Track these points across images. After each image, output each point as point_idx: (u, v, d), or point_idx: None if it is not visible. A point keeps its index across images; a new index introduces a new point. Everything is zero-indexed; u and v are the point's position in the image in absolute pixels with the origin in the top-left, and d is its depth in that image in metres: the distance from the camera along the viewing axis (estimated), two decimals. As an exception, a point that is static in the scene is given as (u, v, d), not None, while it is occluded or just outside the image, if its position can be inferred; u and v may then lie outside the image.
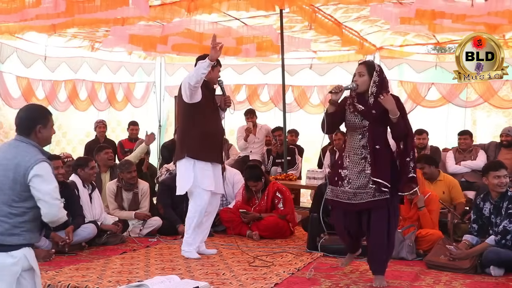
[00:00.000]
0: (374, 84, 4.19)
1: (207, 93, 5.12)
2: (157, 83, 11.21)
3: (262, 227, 6.25)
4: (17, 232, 2.85)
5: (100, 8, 5.98)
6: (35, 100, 9.19)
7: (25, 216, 2.87)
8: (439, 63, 9.50)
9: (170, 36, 8.23)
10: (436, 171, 6.40)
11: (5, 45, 8.55)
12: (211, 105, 5.15)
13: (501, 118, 9.39)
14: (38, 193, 2.83)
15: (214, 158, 5.13)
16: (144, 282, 3.97)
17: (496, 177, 4.85)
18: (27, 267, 2.89)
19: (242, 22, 8.15)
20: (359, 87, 4.21)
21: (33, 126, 2.94)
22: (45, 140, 3.01)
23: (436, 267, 4.88)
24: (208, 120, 5.07)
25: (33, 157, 2.87)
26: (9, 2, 5.96)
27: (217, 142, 5.17)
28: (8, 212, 2.84)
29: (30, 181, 2.82)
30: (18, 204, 2.85)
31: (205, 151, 5.06)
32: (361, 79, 4.21)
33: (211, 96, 5.20)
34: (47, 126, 2.98)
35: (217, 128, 5.18)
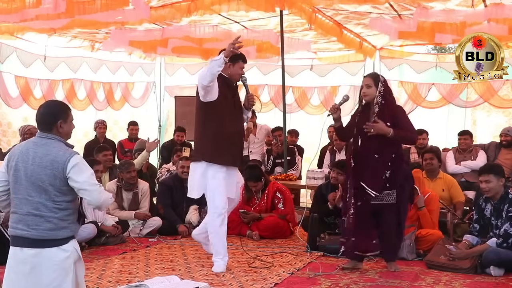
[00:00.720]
0: (379, 94, 4.59)
1: (226, 90, 4.71)
2: (157, 83, 11.20)
3: (262, 227, 6.25)
4: (65, 225, 2.94)
5: (100, 9, 5.97)
6: (32, 99, 9.20)
7: (68, 209, 2.97)
8: (439, 63, 9.49)
9: (170, 39, 8.23)
10: (438, 167, 6.44)
11: (4, 45, 8.55)
12: (230, 104, 4.73)
13: (501, 118, 9.38)
14: (77, 184, 2.91)
15: (229, 161, 4.71)
16: (144, 282, 3.96)
17: (480, 182, 4.92)
18: (76, 258, 2.99)
19: (242, 26, 8.15)
20: (368, 97, 4.62)
21: (54, 122, 2.99)
22: (67, 134, 3.07)
23: (436, 267, 4.88)
24: (225, 120, 4.68)
25: (66, 152, 2.95)
26: (9, 2, 5.95)
27: (234, 144, 4.73)
28: (53, 207, 2.91)
29: (69, 174, 2.90)
30: (60, 198, 2.93)
31: (218, 154, 4.67)
32: (369, 90, 4.62)
33: (231, 94, 4.77)
34: (67, 121, 3.04)
35: (235, 129, 4.75)
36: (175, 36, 8.15)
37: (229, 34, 8.09)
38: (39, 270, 2.88)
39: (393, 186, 4.58)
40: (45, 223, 2.89)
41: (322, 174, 7.13)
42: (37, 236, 2.87)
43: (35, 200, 2.89)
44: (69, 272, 2.93)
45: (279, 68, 8.27)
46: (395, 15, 7.35)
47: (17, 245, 2.90)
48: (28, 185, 2.90)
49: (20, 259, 2.89)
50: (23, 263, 2.88)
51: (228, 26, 8.10)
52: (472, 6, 6.51)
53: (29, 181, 2.90)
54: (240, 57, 4.76)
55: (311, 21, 7.12)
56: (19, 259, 2.90)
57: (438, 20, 6.75)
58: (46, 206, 2.90)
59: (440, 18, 6.66)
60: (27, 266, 2.87)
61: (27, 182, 2.90)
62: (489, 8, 6.32)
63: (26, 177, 2.91)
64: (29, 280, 2.88)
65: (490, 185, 4.87)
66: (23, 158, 2.93)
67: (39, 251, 2.87)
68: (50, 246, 2.89)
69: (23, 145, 3.02)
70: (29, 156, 2.93)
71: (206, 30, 7.72)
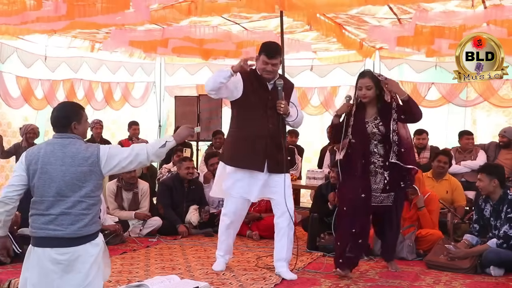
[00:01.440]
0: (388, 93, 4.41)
1: (257, 88, 4.40)
2: (157, 83, 11.20)
3: (262, 227, 6.25)
4: (96, 220, 3.01)
5: (101, 12, 5.97)
6: (34, 100, 9.21)
7: (98, 203, 3.03)
8: (439, 63, 9.49)
9: (170, 39, 8.23)
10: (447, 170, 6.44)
11: (5, 45, 8.55)
12: (259, 104, 4.38)
13: (501, 118, 9.38)
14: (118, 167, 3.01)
15: (249, 165, 4.42)
16: (144, 282, 3.98)
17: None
18: (103, 250, 3.06)
19: (242, 27, 8.15)
20: (368, 99, 4.40)
21: (68, 124, 3.04)
22: (83, 134, 3.13)
23: (436, 267, 4.88)
24: (248, 120, 4.41)
25: (92, 147, 3.01)
26: (10, 4, 5.95)
27: (257, 147, 4.38)
28: (88, 204, 2.95)
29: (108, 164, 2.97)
30: (96, 193, 3.00)
31: (237, 156, 4.46)
32: (370, 92, 4.38)
33: (264, 93, 4.41)
34: (81, 122, 3.09)
35: (260, 131, 4.37)
36: (175, 37, 8.15)
37: (229, 35, 8.09)
38: (73, 268, 2.90)
39: (392, 189, 4.46)
40: (80, 221, 2.92)
41: (322, 174, 7.14)
42: (72, 235, 2.90)
43: (70, 200, 2.91)
44: (100, 265, 3.00)
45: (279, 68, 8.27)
46: (394, 19, 7.35)
47: (47, 245, 2.90)
48: (62, 186, 2.91)
49: (52, 259, 2.89)
50: (55, 263, 2.89)
51: (228, 27, 8.10)
52: (472, 6, 6.51)
53: (63, 181, 2.91)
54: (264, 49, 4.36)
55: (311, 22, 7.12)
56: (50, 259, 2.89)
57: (437, 24, 6.75)
58: (82, 204, 2.93)
59: (439, 21, 6.65)
60: (60, 266, 2.89)
61: (60, 183, 2.91)
62: (489, 10, 6.32)
63: (58, 178, 2.92)
64: (63, 280, 2.90)
65: (481, 184, 4.93)
66: (50, 160, 2.95)
67: (74, 249, 2.90)
68: (84, 243, 2.93)
69: (43, 147, 3.02)
70: (56, 157, 2.95)
71: (206, 31, 7.72)
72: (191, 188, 6.74)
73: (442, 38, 7.22)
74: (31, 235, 2.99)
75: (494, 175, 4.88)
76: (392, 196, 4.48)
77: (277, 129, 4.38)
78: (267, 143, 4.38)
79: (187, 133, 3.35)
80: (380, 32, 7.47)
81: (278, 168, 4.42)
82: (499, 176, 4.90)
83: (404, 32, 7.25)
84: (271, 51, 4.34)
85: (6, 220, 2.99)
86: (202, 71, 10.84)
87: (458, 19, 6.58)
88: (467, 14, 6.54)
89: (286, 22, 7.28)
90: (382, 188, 4.42)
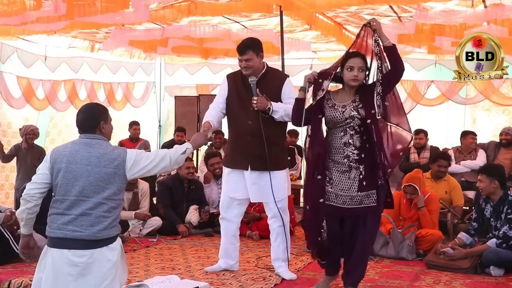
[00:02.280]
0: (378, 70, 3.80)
1: (239, 86, 4.40)
2: (157, 83, 11.20)
3: (262, 227, 6.25)
4: (115, 224, 3.00)
5: (101, 11, 5.97)
6: (35, 100, 9.20)
7: (119, 207, 3.02)
8: (439, 61, 9.50)
9: (170, 39, 8.23)
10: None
11: (5, 45, 8.55)
12: (239, 101, 4.38)
13: (501, 117, 9.39)
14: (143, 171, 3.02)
15: (234, 164, 4.43)
16: (144, 282, 3.98)
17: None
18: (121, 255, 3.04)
19: (242, 25, 8.16)
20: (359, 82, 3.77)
21: (97, 124, 3.05)
22: (109, 135, 3.14)
23: (436, 267, 4.88)
24: (234, 119, 4.43)
25: (118, 150, 3.03)
26: (10, 5, 5.96)
27: (240, 145, 4.39)
28: (110, 206, 2.95)
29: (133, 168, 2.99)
30: (118, 196, 2.99)
31: (226, 156, 4.65)
32: (362, 74, 3.77)
33: (243, 90, 4.37)
34: (108, 121, 3.12)
35: (242, 128, 4.36)
36: (175, 36, 8.16)
37: (229, 33, 8.09)
38: (90, 271, 2.87)
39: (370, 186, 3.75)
40: (100, 223, 2.90)
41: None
42: (91, 237, 2.88)
43: (92, 200, 2.90)
44: (118, 270, 2.97)
45: (279, 68, 8.27)
46: (395, 18, 7.35)
47: (64, 247, 2.88)
48: (85, 185, 2.91)
49: (69, 261, 2.86)
50: (72, 266, 2.86)
51: (228, 26, 8.11)
52: (472, 6, 6.51)
53: (87, 181, 2.91)
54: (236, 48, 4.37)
55: (311, 22, 7.13)
56: (66, 261, 2.86)
57: (438, 22, 6.75)
58: (103, 206, 2.92)
59: (440, 20, 6.65)
60: (76, 269, 2.86)
61: (84, 182, 2.91)
62: (489, 9, 6.33)
63: (82, 178, 2.91)
64: (79, 283, 2.87)
65: (481, 185, 4.93)
66: (75, 159, 2.95)
67: (92, 252, 2.87)
68: (102, 246, 2.90)
69: (69, 147, 3.02)
70: (82, 157, 2.95)
71: (206, 30, 7.72)
72: (191, 188, 6.74)
73: (443, 36, 7.21)
74: (48, 235, 2.97)
75: (495, 176, 4.88)
76: (374, 195, 3.75)
77: (258, 126, 4.26)
78: (248, 140, 4.33)
79: (203, 139, 3.47)
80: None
81: (262, 165, 4.31)
82: (500, 177, 4.90)
83: (405, 30, 7.24)
84: (240, 48, 4.35)
85: (28, 218, 2.98)
86: (202, 71, 10.84)
87: (458, 17, 6.58)
88: (467, 13, 6.55)
89: (286, 20, 7.28)
90: (358, 186, 3.73)
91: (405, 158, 7.58)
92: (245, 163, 4.36)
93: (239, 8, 6.58)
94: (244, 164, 4.36)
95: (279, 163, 4.40)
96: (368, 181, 3.74)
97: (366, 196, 3.74)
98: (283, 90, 4.37)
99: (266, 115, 4.27)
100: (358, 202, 3.73)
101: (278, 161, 4.39)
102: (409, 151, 7.64)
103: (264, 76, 4.37)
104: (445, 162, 6.35)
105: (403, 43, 7.84)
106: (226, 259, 4.66)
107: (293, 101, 4.11)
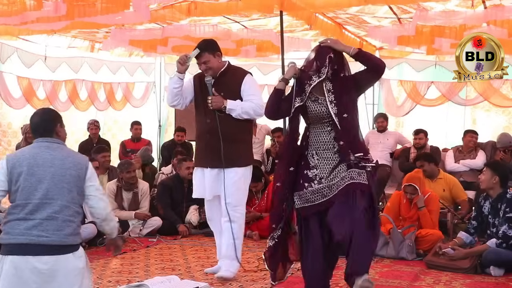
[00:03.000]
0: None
1: (202, 87, 4.47)
2: (157, 83, 11.19)
3: (263, 227, 6.24)
4: (78, 232, 2.94)
5: (101, 12, 5.97)
6: (36, 100, 9.20)
7: (81, 214, 2.99)
8: (439, 62, 9.50)
9: (170, 38, 8.23)
10: (436, 169, 6.45)
11: (5, 45, 8.55)
12: (200, 101, 4.47)
13: (501, 117, 9.39)
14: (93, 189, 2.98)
15: (198, 162, 4.54)
16: (144, 282, 3.98)
17: None
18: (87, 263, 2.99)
19: (242, 25, 8.16)
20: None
21: (53, 127, 3.02)
22: (64, 139, 3.11)
23: (436, 267, 4.89)
24: (198, 119, 4.53)
25: (81, 155, 3.04)
26: (10, 5, 5.96)
27: (201, 144, 4.52)
28: (75, 211, 2.91)
29: (87, 176, 2.96)
30: (80, 202, 2.96)
31: (194, 156, 4.76)
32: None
33: (204, 90, 4.43)
34: (63, 125, 3.10)
35: (203, 127, 4.46)
36: (175, 36, 8.16)
37: (229, 33, 8.09)
38: (55, 279, 2.78)
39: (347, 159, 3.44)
40: (66, 227, 2.83)
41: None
42: (57, 242, 2.79)
43: (57, 203, 2.84)
44: (84, 278, 2.89)
45: (279, 68, 8.27)
46: (394, 19, 7.35)
47: (28, 253, 2.75)
48: (50, 188, 2.84)
49: (33, 268, 2.74)
50: (36, 273, 2.74)
51: (228, 26, 8.11)
52: (472, 6, 6.51)
53: (52, 183, 2.85)
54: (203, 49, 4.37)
55: (311, 22, 7.13)
56: (30, 268, 2.74)
57: (438, 23, 6.76)
58: (69, 209, 2.87)
59: (440, 21, 6.66)
60: (41, 276, 2.75)
61: (48, 184, 2.84)
62: (489, 10, 6.33)
63: (46, 180, 2.85)
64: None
65: (483, 177, 4.98)
66: (37, 162, 2.88)
67: (57, 259, 2.78)
68: (67, 253, 2.82)
69: (27, 151, 2.97)
70: (45, 159, 2.89)
71: (206, 30, 7.72)
72: (191, 188, 6.70)
73: (443, 37, 7.22)
74: (5, 242, 2.81)
75: (497, 172, 4.92)
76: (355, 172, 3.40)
77: (215, 124, 4.30)
78: (207, 139, 4.41)
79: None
80: (381, 32, 7.48)
81: (218, 163, 4.33)
82: (501, 174, 4.92)
83: (405, 32, 7.26)
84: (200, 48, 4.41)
85: None
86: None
87: (458, 18, 6.59)
88: (467, 14, 6.55)
89: (286, 20, 7.30)
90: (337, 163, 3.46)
91: (405, 158, 7.59)
92: (205, 161, 4.45)
93: (239, 8, 6.58)
94: (205, 162, 4.45)
95: (236, 160, 4.37)
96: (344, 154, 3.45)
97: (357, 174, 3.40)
98: (242, 88, 4.39)
99: (223, 114, 4.31)
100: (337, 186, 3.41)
101: (235, 157, 4.36)
102: (409, 151, 7.65)
103: (224, 74, 4.42)
104: (419, 162, 6.40)
105: (403, 44, 7.85)
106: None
107: (253, 98, 4.32)
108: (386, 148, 8.01)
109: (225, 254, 4.41)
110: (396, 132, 8.77)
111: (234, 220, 4.38)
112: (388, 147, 8.04)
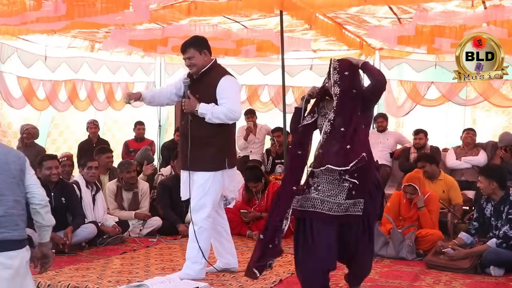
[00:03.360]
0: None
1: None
2: (157, 83, 11.19)
3: (263, 227, 6.23)
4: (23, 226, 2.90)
5: (101, 12, 5.97)
6: (36, 100, 9.20)
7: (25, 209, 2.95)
8: (439, 62, 9.50)
9: (170, 38, 8.24)
10: (437, 170, 6.44)
11: (5, 45, 8.55)
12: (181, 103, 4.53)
13: (501, 117, 9.40)
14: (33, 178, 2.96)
15: (181, 165, 4.52)
16: (144, 282, 3.98)
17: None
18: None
19: (242, 25, 8.16)
20: None
21: None
22: None
23: (436, 267, 4.89)
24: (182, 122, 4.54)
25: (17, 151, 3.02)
26: (10, 5, 5.96)
27: (180, 146, 4.53)
28: (24, 204, 2.90)
29: (27, 169, 2.94)
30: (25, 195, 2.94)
31: None
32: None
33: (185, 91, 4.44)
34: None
35: (180, 131, 4.53)
36: (175, 35, 8.16)
37: (229, 33, 8.09)
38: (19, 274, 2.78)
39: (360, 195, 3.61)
40: (21, 222, 2.83)
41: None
42: (18, 237, 2.80)
43: (9, 199, 2.80)
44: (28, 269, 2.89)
45: (279, 68, 8.28)
46: (394, 19, 7.36)
47: None
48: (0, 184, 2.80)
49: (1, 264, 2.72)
50: (5, 269, 2.72)
51: (228, 26, 8.11)
52: (472, 6, 6.51)
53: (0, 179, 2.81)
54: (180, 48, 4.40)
55: (311, 21, 7.14)
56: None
57: (438, 23, 6.76)
58: (20, 204, 2.85)
59: (440, 21, 6.66)
60: (10, 271, 2.73)
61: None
62: (489, 10, 6.33)
63: None
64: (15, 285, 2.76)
65: (481, 186, 4.97)
66: None
67: (18, 253, 2.79)
68: (23, 247, 2.83)
69: None
70: None
71: (206, 29, 7.72)
72: (191, 188, 6.72)
73: (443, 37, 7.23)
74: None
75: (492, 177, 4.89)
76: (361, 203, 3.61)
77: (187, 127, 4.30)
78: (181, 141, 4.45)
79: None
80: (381, 32, 7.48)
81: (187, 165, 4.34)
82: (498, 178, 4.90)
83: (405, 32, 7.26)
84: (182, 47, 4.41)
85: None
86: (201, 71, 10.81)
87: (458, 19, 6.59)
88: (467, 14, 6.56)
89: (286, 20, 7.30)
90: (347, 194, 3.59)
91: (405, 158, 7.60)
92: (180, 163, 4.53)
93: (239, 8, 6.58)
94: (180, 164, 4.54)
95: (202, 164, 4.31)
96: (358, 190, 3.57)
97: (353, 204, 3.59)
98: (217, 90, 4.29)
99: (196, 117, 4.28)
100: (344, 210, 3.58)
101: (202, 161, 4.31)
102: (409, 151, 7.66)
103: (205, 73, 4.36)
104: (421, 163, 6.37)
105: (403, 44, 7.85)
106: (221, 258, 4.68)
107: (226, 101, 4.23)
108: (386, 148, 8.01)
109: (187, 255, 4.43)
110: (396, 132, 8.78)
111: (196, 223, 4.36)
112: (388, 147, 8.05)
